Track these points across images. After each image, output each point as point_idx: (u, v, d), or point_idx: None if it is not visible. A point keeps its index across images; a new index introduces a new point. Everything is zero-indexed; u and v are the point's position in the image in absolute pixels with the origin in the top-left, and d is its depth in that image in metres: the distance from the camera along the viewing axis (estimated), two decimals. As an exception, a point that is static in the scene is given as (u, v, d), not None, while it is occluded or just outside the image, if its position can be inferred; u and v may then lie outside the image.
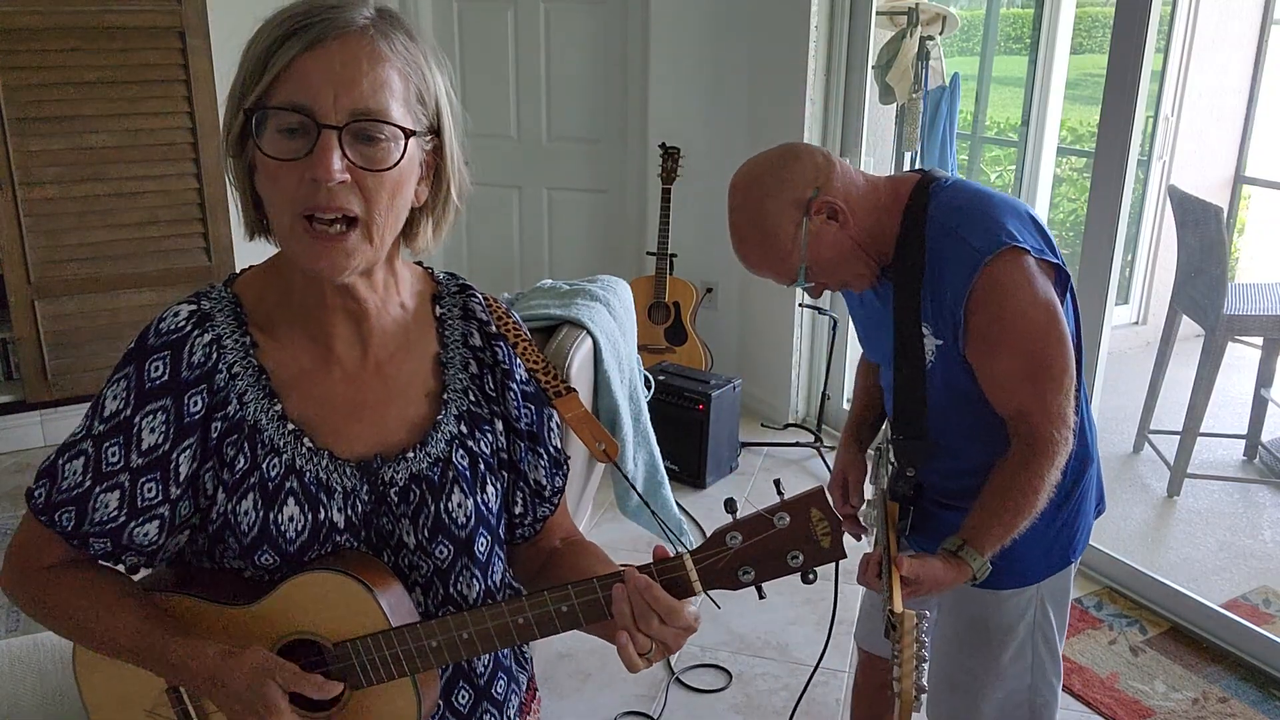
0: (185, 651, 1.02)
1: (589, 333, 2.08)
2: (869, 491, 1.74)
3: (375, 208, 0.97)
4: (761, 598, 1.02)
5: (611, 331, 2.16)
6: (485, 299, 1.19)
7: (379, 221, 0.98)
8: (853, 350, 3.85)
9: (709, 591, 0.99)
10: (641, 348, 3.03)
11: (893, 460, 1.63)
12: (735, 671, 2.62)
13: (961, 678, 1.68)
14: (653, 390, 2.40)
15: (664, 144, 4.01)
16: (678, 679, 2.59)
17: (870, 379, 1.82)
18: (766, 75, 3.86)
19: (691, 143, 4.06)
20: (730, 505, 1.01)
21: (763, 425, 4.09)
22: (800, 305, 3.93)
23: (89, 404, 1.06)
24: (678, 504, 2.57)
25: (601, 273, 2.43)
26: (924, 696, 1.32)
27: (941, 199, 1.50)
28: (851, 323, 1.79)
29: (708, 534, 1.07)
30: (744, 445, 3.84)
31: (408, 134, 0.97)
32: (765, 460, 3.84)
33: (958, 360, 1.49)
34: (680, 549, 1.00)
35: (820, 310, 3.91)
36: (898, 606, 1.34)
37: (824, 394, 3.95)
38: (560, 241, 4.54)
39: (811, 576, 0.99)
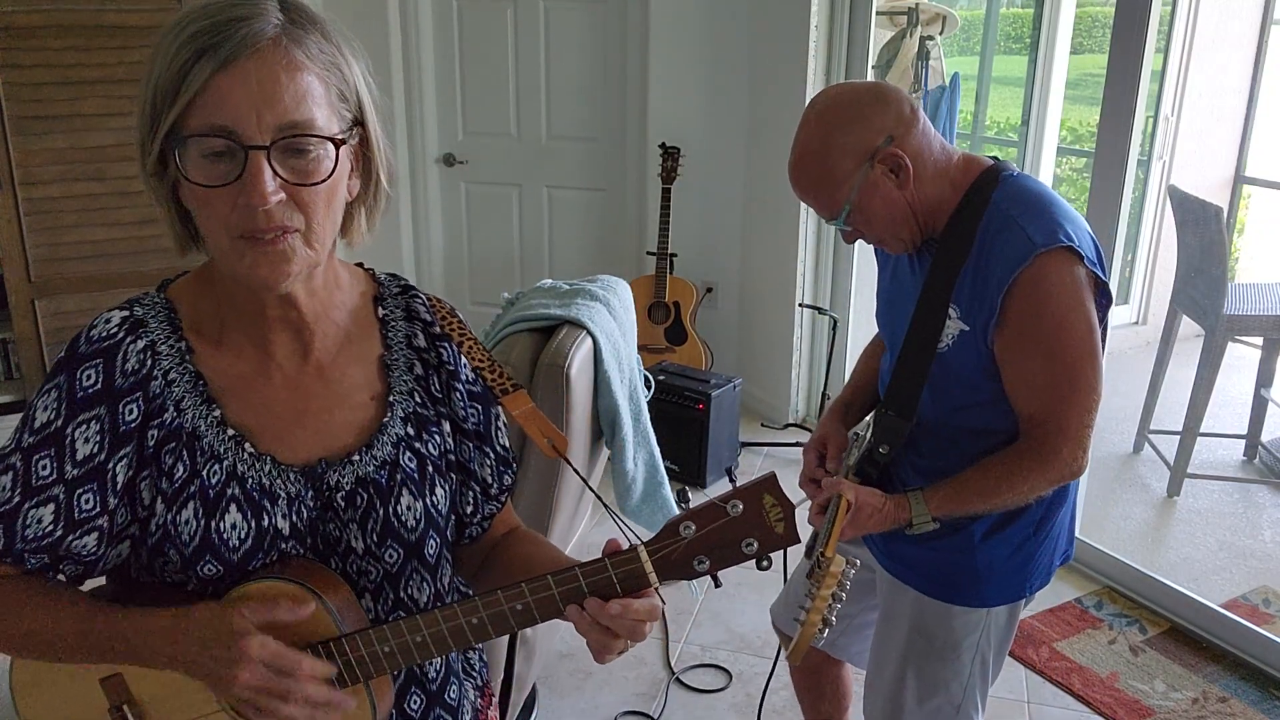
0: (137, 618, 0.99)
1: (589, 333, 2.08)
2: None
3: (314, 218, 0.95)
4: (717, 586, 1.01)
5: (611, 331, 2.16)
6: (428, 299, 1.17)
7: (319, 229, 0.96)
8: (853, 350, 3.85)
9: (663, 583, 0.98)
10: (641, 348, 3.03)
11: (869, 438, 1.61)
12: (735, 671, 2.62)
13: (899, 679, 1.68)
14: (653, 390, 2.40)
15: (664, 144, 4.01)
16: (678, 679, 2.59)
17: (872, 363, 1.80)
18: (766, 75, 3.86)
19: (691, 143, 4.06)
20: (682, 495, 1.02)
21: (763, 425, 4.09)
22: (800, 305, 3.93)
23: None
24: (677, 504, 2.57)
25: (601, 272, 2.43)
26: (826, 631, 1.33)
27: (1009, 187, 1.48)
28: (854, 293, 1.77)
29: (627, 537, 1.07)
30: (744, 445, 3.84)
31: (337, 143, 0.94)
32: (765, 460, 3.84)
33: (978, 352, 1.47)
34: (635, 540, 0.99)
35: (820, 310, 3.91)
36: (830, 551, 1.35)
37: (824, 394, 3.95)
38: (560, 241, 4.54)
39: (766, 563, 0.98)
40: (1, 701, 1.39)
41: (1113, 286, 1.41)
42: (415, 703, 1.14)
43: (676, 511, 2.56)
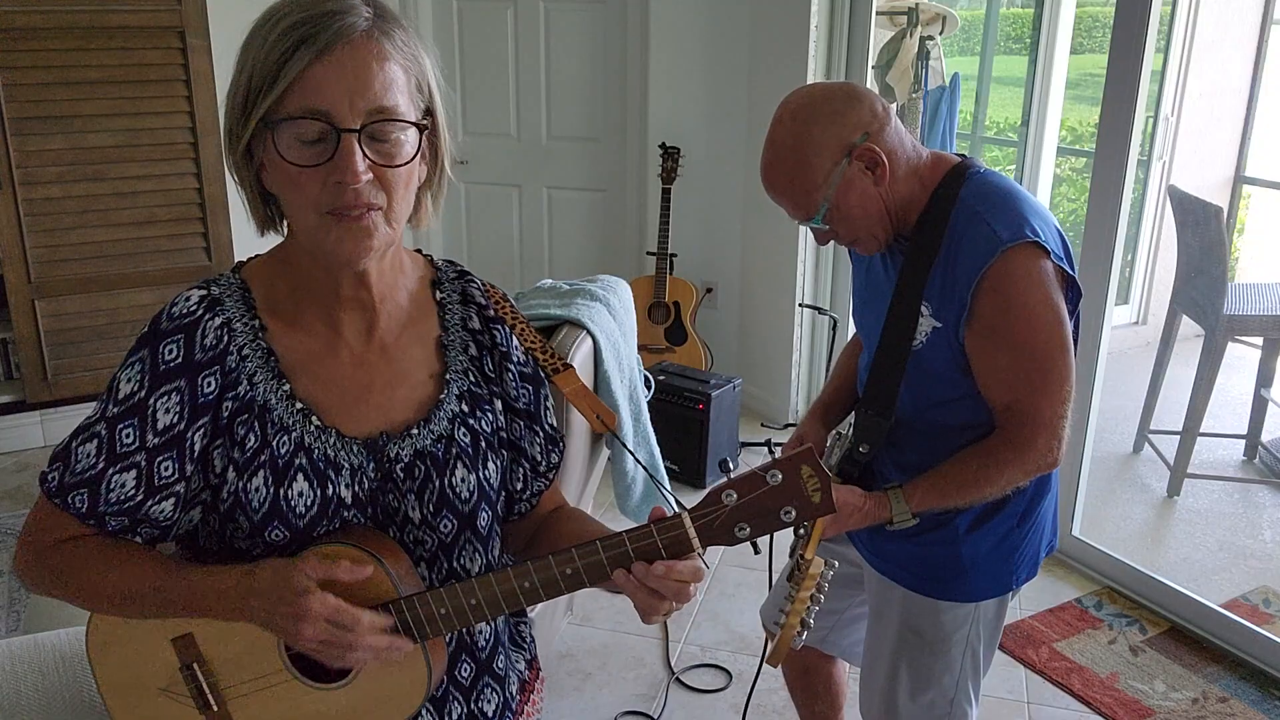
0: (208, 576, 1.05)
1: (589, 332, 2.08)
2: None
3: (395, 198, 1.02)
4: (757, 553, 1.06)
5: (611, 331, 2.16)
6: (483, 284, 1.24)
7: (397, 208, 1.03)
8: (853, 350, 3.85)
9: (705, 549, 1.03)
10: (641, 348, 3.03)
11: (850, 438, 1.62)
12: (735, 671, 2.62)
13: (892, 676, 1.69)
14: (653, 390, 2.40)
15: (664, 144, 4.01)
16: (678, 679, 2.59)
17: (851, 362, 1.81)
18: (766, 75, 3.86)
19: (691, 143, 4.07)
20: (724, 465, 1.05)
21: (763, 425, 4.09)
22: (800, 305, 3.93)
23: (95, 396, 1.07)
24: (677, 504, 2.57)
25: (601, 272, 2.43)
26: (805, 634, 1.34)
27: (975, 184, 1.49)
28: (851, 292, 1.77)
29: (673, 504, 1.12)
30: (744, 445, 3.84)
31: (420, 128, 1.02)
32: (765, 460, 3.84)
33: (951, 348, 1.48)
34: (678, 508, 1.03)
35: (820, 310, 3.91)
36: (809, 554, 1.36)
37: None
38: (560, 241, 4.54)
39: (802, 530, 1.05)
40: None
41: (1112, 286, 1.41)
42: (465, 670, 1.19)
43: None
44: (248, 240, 1.10)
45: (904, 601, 1.64)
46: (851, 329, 2.02)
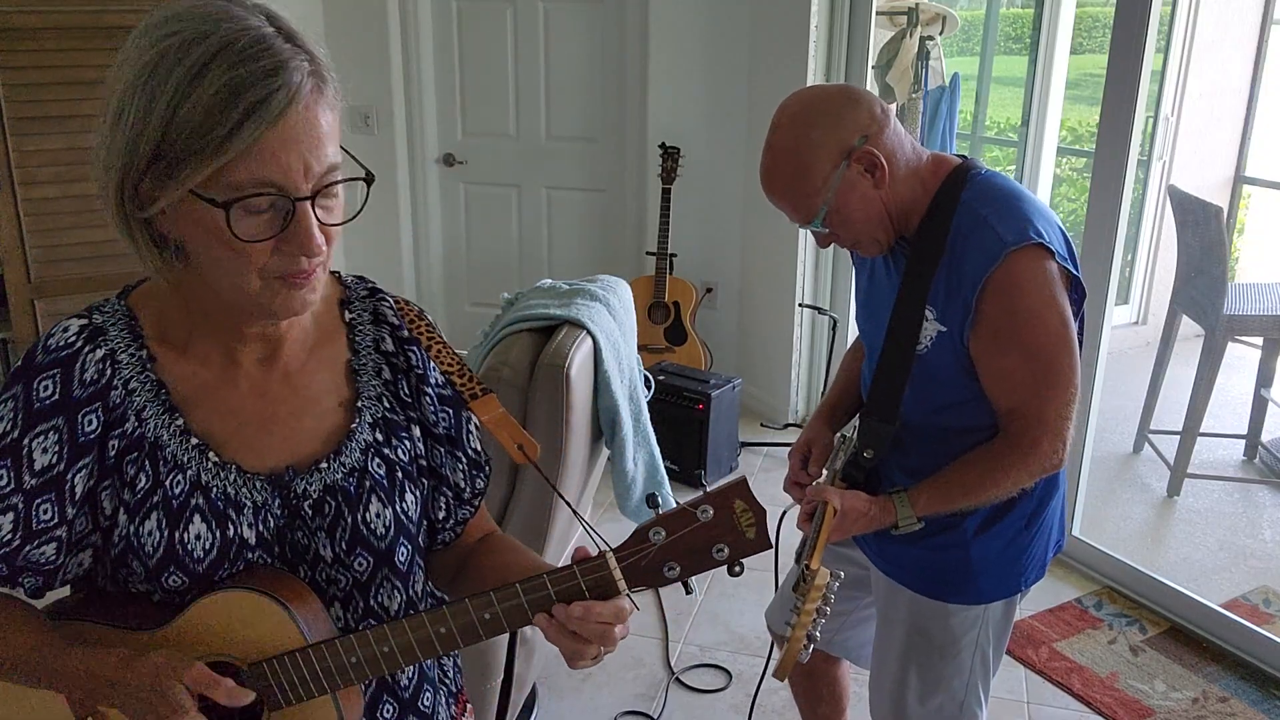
0: (84, 659, 0.98)
1: (589, 333, 2.08)
2: (824, 475, 1.73)
3: (333, 247, 0.96)
4: (688, 592, 1.00)
5: (611, 331, 2.16)
6: (396, 302, 1.15)
7: (331, 256, 0.97)
8: (852, 350, 3.85)
9: (634, 590, 0.97)
10: (641, 348, 3.03)
11: (854, 442, 1.61)
12: (735, 671, 2.62)
13: (901, 680, 1.68)
14: (653, 390, 2.40)
15: (664, 144, 4.01)
16: (678, 679, 2.59)
17: (856, 365, 1.80)
18: (766, 75, 3.86)
19: (691, 143, 4.06)
20: (651, 500, 1.00)
21: (762, 425, 4.09)
22: (800, 305, 3.93)
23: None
24: (677, 503, 2.57)
25: (601, 273, 2.43)
26: (812, 646, 1.33)
27: (978, 186, 1.48)
28: (853, 297, 1.77)
29: (597, 542, 1.06)
30: (744, 445, 3.83)
31: (369, 180, 0.96)
32: (765, 460, 3.84)
33: (956, 352, 1.48)
34: (603, 547, 0.97)
35: (820, 310, 3.91)
36: (815, 563, 1.35)
37: (824, 394, 3.95)
38: (560, 241, 4.54)
39: (738, 569, 0.96)
40: None
41: (1112, 286, 1.41)
42: (388, 711, 1.12)
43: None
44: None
45: (912, 605, 1.63)
46: (853, 330, 2.02)
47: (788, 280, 3.93)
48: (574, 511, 1.21)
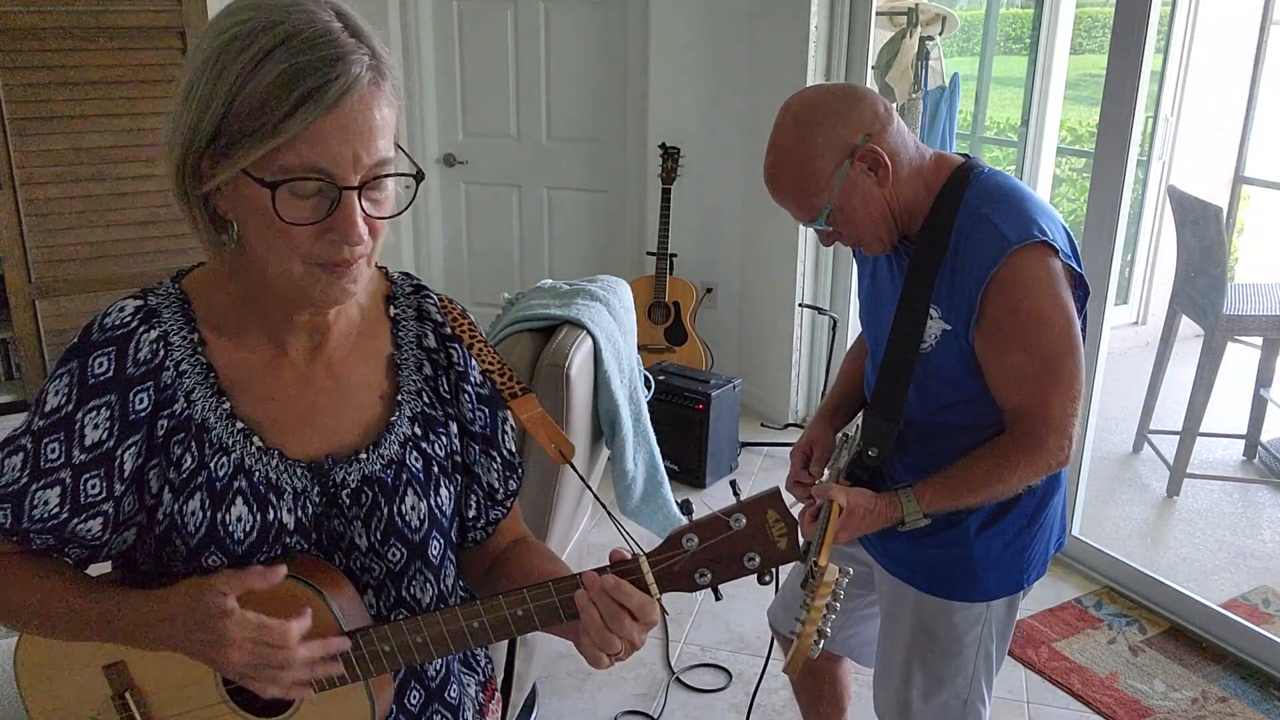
0: (125, 606, 1.00)
1: (589, 333, 2.08)
2: (827, 474, 1.73)
3: (379, 242, 0.98)
4: (718, 599, 1.01)
5: (611, 331, 2.16)
6: (440, 300, 1.18)
7: (378, 249, 1.00)
8: (852, 350, 3.85)
9: (664, 595, 0.98)
10: (641, 348, 3.03)
11: (858, 441, 1.62)
12: (735, 671, 2.62)
13: (905, 678, 1.69)
14: (653, 390, 2.40)
15: (664, 144, 4.02)
16: (678, 679, 2.59)
17: (858, 364, 1.80)
18: (766, 75, 3.86)
19: (691, 143, 4.07)
20: (686, 507, 1.01)
21: (763, 425, 4.09)
22: (800, 305, 3.93)
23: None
24: (635, 546, 2.57)
25: (601, 273, 2.43)
26: (822, 642, 1.33)
27: (980, 185, 1.49)
28: (855, 295, 1.77)
29: (630, 545, 1.08)
30: (744, 445, 3.84)
31: (419, 178, 0.98)
32: (765, 460, 3.84)
33: (960, 351, 1.48)
34: (636, 550, 0.99)
35: (820, 310, 3.91)
36: (823, 560, 1.35)
37: (824, 394, 3.95)
38: (560, 241, 4.54)
39: (768, 578, 0.98)
40: (8, 686, 1.40)
41: (1112, 286, 1.42)
42: (414, 698, 1.15)
43: (676, 511, 2.57)
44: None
45: (916, 603, 1.63)
46: (853, 330, 2.02)
47: (788, 280, 3.93)
48: (607, 511, 1.23)
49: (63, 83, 3.39)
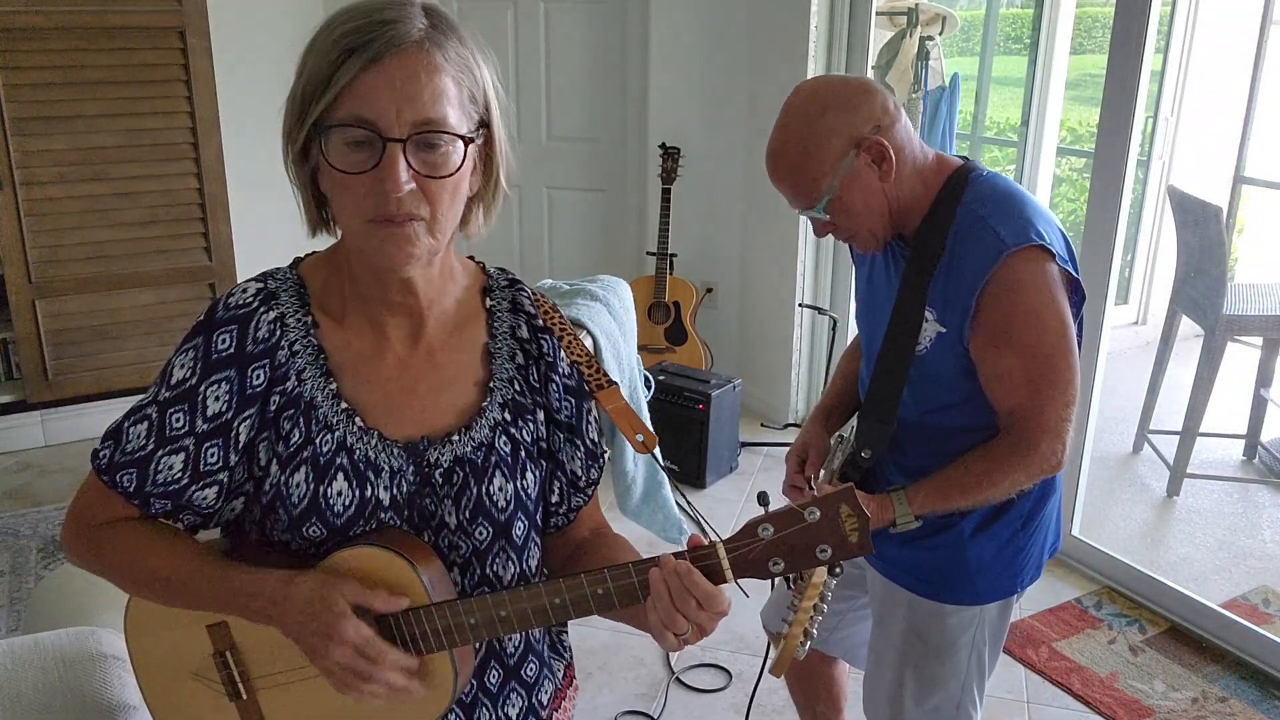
0: (247, 576, 1.06)
1: (589, 332, 2.08)
2: (821, 475, 1.73)
3: (439, 208, 1.03)
4: (790, 589, 1.07)
5: (611, 331, 2.17)
6: (533, 294, 1.25)
7: (442, 220, 1.04)
8: (853, 350, 3.85)
9: (739, 580, 1.03)
10: (641, 348, 3.03)
11: (851, 442, 1.62)
12: (735, 671, 2.63)
13: (897, 681, 1.69)
14: (653, 390, 2.41)
15: (664, 144, 4.02)
16: (678, 679, 2.59)
17: (853, 364, 1.80)
18: (766, 76, 3.86)
19: (691, 143, 4.07)
20: (763, 498, 1.06)
21: (763, 425, 4.09)
22: (800, 305, 3.93)
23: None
24: (677, 503, 2.57)
25: (601, 273, 2.43)
26: (809, 643, 1.34)
27: (978, 188, 1.49)
28: (852, 297, 1.77)
29: (708, 533, 1.11)
30: (744, 445, 3.84)
31: (466, 140, 1.02)
32: (765, 460, 3.84)
33: (955, 353, 1.48)
34: (714, 538, 1.03)
35: (820, 310, 3.91)
36: None
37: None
38: (560, 241, 4.55)
39: (839, 569, 1.02)
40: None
41: (1112, 286, 1.41)
42: (494, 676, 1.20)
43: (676, 512, 2.58)
44: (248, 240, 1.09)
45: (909, 606, 1.63)
46: (852, 330, 2.02)
47: (788, 280, 3.93)
48: (687, 503, 1.24)
49: (63, 83, 3.39)
